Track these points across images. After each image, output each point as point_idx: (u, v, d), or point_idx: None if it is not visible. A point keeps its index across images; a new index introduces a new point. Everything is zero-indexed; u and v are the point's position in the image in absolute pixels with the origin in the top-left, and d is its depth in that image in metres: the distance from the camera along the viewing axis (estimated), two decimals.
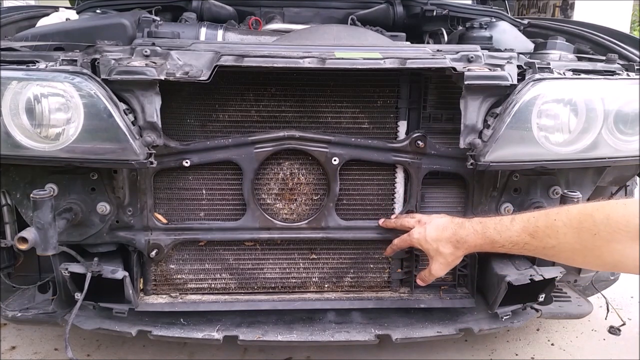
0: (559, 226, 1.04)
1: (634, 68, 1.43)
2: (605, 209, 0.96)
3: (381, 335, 1.47)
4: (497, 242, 1.18)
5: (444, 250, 1.28)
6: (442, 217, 1.33)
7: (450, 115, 1.47)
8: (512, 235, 1.14)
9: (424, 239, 1.30)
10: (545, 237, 1.07)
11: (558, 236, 1.04)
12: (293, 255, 1.58)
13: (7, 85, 1.19)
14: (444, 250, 1.28)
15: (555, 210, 1.08)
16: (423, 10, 2.11)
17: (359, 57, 1.29)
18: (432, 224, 1.31)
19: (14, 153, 1.23)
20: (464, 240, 1.25)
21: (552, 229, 1.05)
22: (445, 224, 1.29)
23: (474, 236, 1.23)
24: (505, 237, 1.16)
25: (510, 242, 1.15)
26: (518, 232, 1.13)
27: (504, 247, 1.17)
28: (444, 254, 1.28)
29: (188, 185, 1.48)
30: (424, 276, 1.41)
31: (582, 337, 2.04)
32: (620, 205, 0.95)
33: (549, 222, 1.06)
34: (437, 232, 1.28)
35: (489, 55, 1.38)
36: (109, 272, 1.37)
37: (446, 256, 1.29)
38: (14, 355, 1.86)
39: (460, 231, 1.25)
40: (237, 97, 1.43)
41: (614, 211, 0.94)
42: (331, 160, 1.45)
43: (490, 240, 1.19)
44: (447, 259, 1.30)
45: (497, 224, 1.19)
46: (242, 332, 1.46)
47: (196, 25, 1.81)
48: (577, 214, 1.01)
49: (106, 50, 1.29)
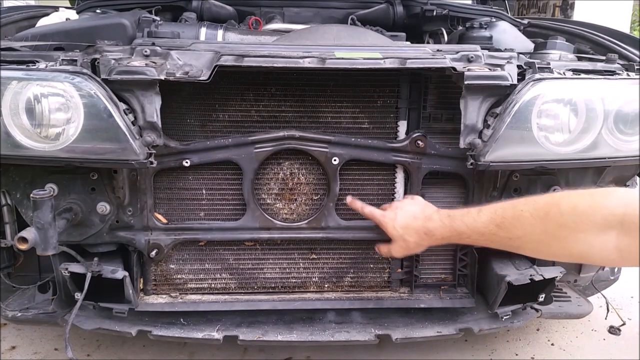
0: (525, 217, 1.03)
1: (634, 68, 1.43)
2: (572, 198, 0.96)
3: (381, 335, 1.47)
4: (464, 234, 1.18)
5: (408, 238, 1.28)
6: (414, 204, 1.32)
7: (450, 115, 1.47)
8: (478, 227, 1.14)
9: (392, 225, 1.30)
10: (512, 227, 1.06)
11: (524, 226, 1.03)
12: (293, 255, 1.58)
13: (7, 85, 1.19)
14: (408, 239, 1.28)
15: (522, 201, 1.07)
16: (423, 10, 2.11)
17: (359, 57, 1.29)
18: (403, 211, 1.31)
19: (14, 153, 1.23)
20: (431, 232, 1.25)
21: (519, 220, 1.04)
22: (416, 213, 1.29)
23: (441, 229, 1.23)
24: (472, 228, 1.15)
25: (477, 233, 1.14)
26: (485, 223, 1.13)
27: (470, 239, 1.17)
28: (407, 242, 1.29)
29: (188, 185, 1.47)
30: (382, 249, 1.41)
31: (582, 337, 2.04)
32: (588, 195, 0.95)
33: (515, 212, 1.06)
34: (407, 221, 1.28)
35: (489, 55, 1.38)
36: (109, 272, 1.37)
37: (409, 244, 1.29)
38: (14, 355, 1.86)
39: (429, 224, 1.25)
40: (237, 97, 1.43)
41: (581, 201, 0.94)
42: (331, 160, 1.45)
43: (457, 232, 1.19)
44: (409, 246, 1.30)
45: (464, 216, 1.19)
46: (242, 332, 1.46)
47: (196, 25, 1.81)
48: (544, 204, 1.01)
49: (106, 50, 1.29)
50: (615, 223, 0.88)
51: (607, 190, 0.95)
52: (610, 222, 0.88)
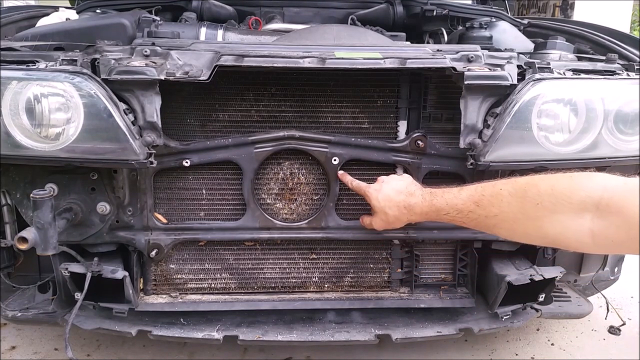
0: (504, 195, 1.03)
1: (634, 68, 1.43)
2: (550, 179, 0.96)
3: (381, 335, 1.47)
4: (442, 210, 1.19)
5: (388, 211, 1.29)
6: (401, 179, 1.34)
7: (450, 115, 1.47)
8: (457, 203, 1.15)
9: (376, 197, 1.32)
10: (490, 205, 1.06)
11: (502, 205, 1.03)
12: (293, 255, 1.58)
13: (7, 85, 1.19)
14: (389, 212, 1.29)
15: (502, 181, 1.08)
16: (423, 10, 2.11)
17: (359, 57, 1.29)
18: (389, 185, 1.32)
19: (14, 153, 1.23)
20: (410, 207, 1.26)
21: (497, 198, 1.05)
22: (400, 188, 1.30)
23: (421, 204, 1.25)
24: (451, 205, 1.16)
25: (455, 210, 1.15)
26: (464, 200, 1.13)
27: (448, 216, 1.18)
28: (388, 215, 1.30)
29: (188, 185, 1.48)
30: (364, 220, 1.43)
31: (582, 337, 2.04)
32: (567, 177, 0.95)
33: (495, 191, 1.06)
34: (390, 194, 1.29)
35: (489, 55, 1.38)
36: (109, 272, 1.37)
37: (389, 217, 1.30)
38: (14, 355, 1.86)
39: (410, 199, 1.27)
40: (237, 97, 1.43)
41: (559, 182, 0.94)
42: (331, 160, 1.45)
43: (436, 208, 1.21)
44: (388, 219, 1.31)
45: (445, 192, 1.20)
46: (242, 332, 1.46)
47: (196, 25, 1.81)
48: (523, 184, 1.01)
49: (106, 50, 1.29)
50: (591, 206, 0.88)
51: (587, 173, 0.96)
52: (587, 204, 0.88)
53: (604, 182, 0.89)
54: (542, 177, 0.99)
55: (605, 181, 0.89)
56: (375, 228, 1.38)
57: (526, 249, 1.58)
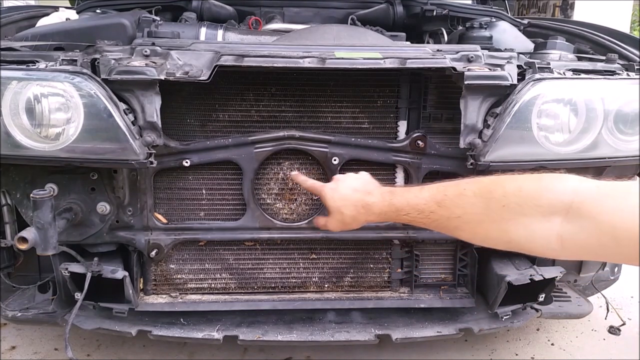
0: (467, 195, 0.97)
1: (634, 68, 1.43)
2: (518, 180, 0.91)
3: (381, 335, 1.47)
4: (402, 210, 1.11)
5: (345, 211, 1.22)
6: (358, 177, 1.26)
7: (450, 115, 1.47)
8: (419, 203, 1.07)
9: (331, 196, 1.24)
10: (453, 205, 0.99)
11: (465, 205, 0.97)
12: (293, 255, 1.58)
13: (7, 85, 1.19)
14: (345, 211, 1.22)
15: (467, 180, 1.01)
16: (423, 10, 2.11)
17: (359, 57, 1.29)
18: (345, 183, 1.25)
19: (14, 153, 1.23)
20: (368, 206, 1.18)
21: (461, 198, 0.98)
22: (357, 186, 1.22)
23: (380, 204, 1.17)
24: (411, 205, 1.09)
25: (416, 210, 1.08)
26: (425, 200, 1.06)
27: (409, 216, 1.10)
28: (344, 215, 1.22)
29: (188, 185, 1.48)
30: (319, 222, 1.34)
31: (582, 337, 2.04)
32: (535, 178, 0.89)
33: (458, 190, 1.00)
34: (346, 193, 1.22)
35: (489, 55, 1.38)
36: (109, 272, 1.37)
37: (345, 217, 1.22)
38: (14, 355, 1.86)
39: (368, 197, 1.19)
40: (237, 97, 1.43)
41: (527, 183, 0.89)
42: (331, 160, 1.45)
43: (396, 208, 1.13)
44: (345, 220, 1.23)
45: (406, 192, 1.13)
46: (242, 332, 1.46)
47: (196, 25, 1.81)
48: (489, 183, 0.95)
49: (106, 50, 1.29)
50: (560, 209, 0.83)
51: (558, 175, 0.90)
52: (556, 207, 0.83)
53: (576, 185, 0.83)
54: (509, 177, 0.93)
55: (577, 184, 0.83)
56: (330, 229, 1.28)
57: None
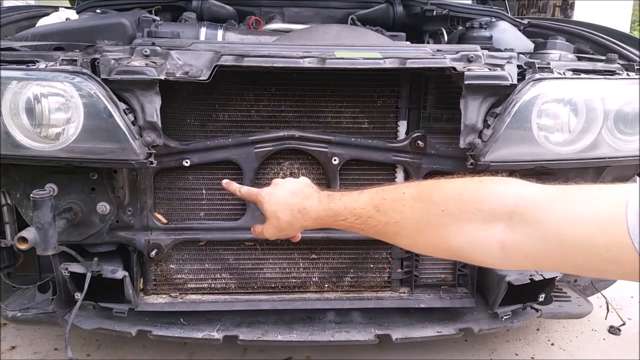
0: (406, 199, 0.92)
1: (634, 68, 1.43)
2: (458, 183, 0.87)
3: (381, 335, 1.47)
4: (340, 215, 1.06)
5: (280, 215, 1.15)
6: (297, 182, 1.20)
7: (450, 115, 1.47)
8: (356, 207, 1.02)
9: (268, 201, 1.18)
10: (391, 210, 0.95)
11: (404, 210, 0.92)
12: (293, 255, 1.58)
13: (7, 85, 1.19)
14: (281, 216, 1.15)
15: (406, 184, 0.98)
16: (423, 10, 2.11)
17: (359, 57, 1.29)
18: (283, 187, 1.19)
19: (14, 153, 1.23)
20: (305, 210, 1.13)
21: (399, 202, 0.93)
22: (295, 190, 1.16)
23: (317, 207, 1.11)
24: (349, 209, 1.04)
25: (354, 215, 1.03)
26: (363, 205, 1.01)
27: (346, 221, 1.05)
28: (279, 220, 1.16)
29: (188, 185, 1.47)
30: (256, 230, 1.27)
31: (582, 337, 2.04)
32: (476, 182, 0.85)
33: (397, 194, 0.95)
34: (283, 197, 1.16)
35: (489, 55, 1.38)
36: (108, 272, 1.37)
37: (281, 222, 1.16)
38: (14, 355, 1.86)
39: (306, 202, 1.13)
40: (237, 97, 1.43)
41: (468, 187, 0.85)
42: (331, 160, 1.45)
43: (333, 212, 1.07)
44: (280, 225, 1.17)
45: (344, 196, 1.08)
46: (242, 332, 1.46)
47: (196, 25, 1.81)
48: (428, 187, 0.91)
49: (106, 50, 1.29)
50: (503, 215, 0.78)
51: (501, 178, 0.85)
52: (498, 213, 0.79)
53: (519, 189, 0.79)
54: (450, 180, 0.89)
55: (521, 188, 0.79)
56: (267, 236, 1.21)
57: None
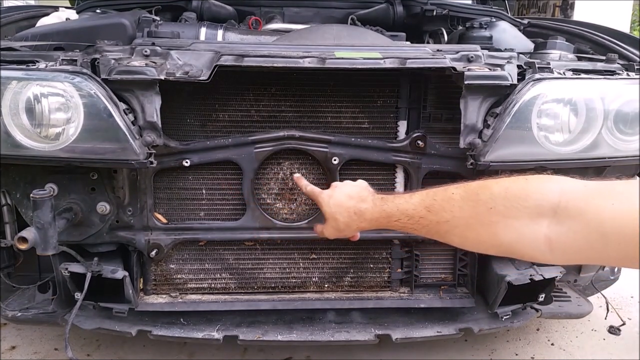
0: (455, 199, 0.97)
1: (634, 68, 1.43)
2: (504, 182, 0.91)
3: (381, 335, 1.47)
4: (393, 216, 1.13)
5: (338, 217, 1.24)
6: (355, 185, 1.28)
7: (450, 115, 1.47)
8: (408, 209, 1.08)
9: (327, 202, 1.26)
10: (441, 210, 1.00)
11: (453, 209, 0.97)
12: (293, 255, 1.58)
13: (7, 85, 1.20)
14: (339, 218, 1.24)
15: (455, 185, 1.02)
16: (423, 10, 2.11)
17: (359, 57, 1.29)
18: (341, 190, 1.27)
19: (14, 153, 1.24)
20: (361, 212, 1.20)
21: (449, 202, 0.99)
22: (352, 193, 1.24)
23: (371, 210, 1.19)
24: (401, 211, 1.10)
25: (406, 216, 1.09)
26: (415, 206, 1.07)
27: (399, 222, 1.12)
28: (337, 221, 1.24)
29: (188, 185, 1.47)
30: (317, 229, 1.37)
31: (582, 337, 2.04)
32: (522, 180, 0.88)
33: (447, 195, 1.00)
34: (341, 199, 1.24)
35: (489, 55, 1.38)
36: (108, 272, 1.37)
37: (339, 223, 1.24)
38: (14, 355, 1.86)
39: (361, 204, 1.21)
40: (237, 97, 1.43)
41: (514, 185, 0.88)
42: (331, 160, 1.45)
43: (386, 214, 1.15)
44: (338, 226, 1.25)
45: (396, 198, 1.15)
46: (242, 332, 1.46)
47: (196, 25, 1.81)
48: (476, 187, 0.95)
49: (106, 50, 1.29)
50: (548, 210, 0.82)
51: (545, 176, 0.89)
52: (543, 209, 0.82)
53: (562, 184, 0.83)
54: (496, 180, 0.93)
55: (564, 184, 0.83)
56: (327, 236, 1.31)
57: None
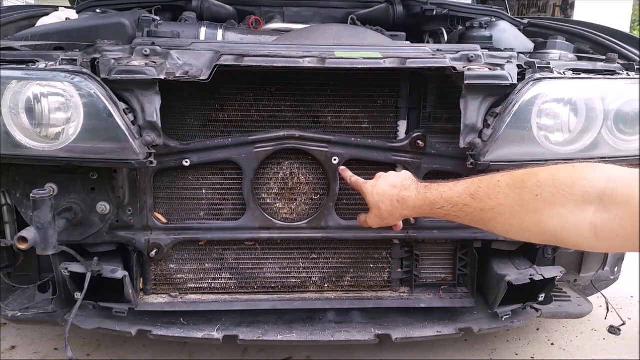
0: (501, 187, 0.97)
1: (634, 68, 1.43)
2: (552, 169, 0.90)
3: (381, 335, 1.47)
4: (436, 204, 1.13)
5: (382, 206, 1.26)
6: (398, 174, 1.29)
7: (450, 115, 1.47)
8: (452, 196, 1.08)
9: (370, 192, 1.28)
10: (486, 197, 0.99)
11: (498, 197, 0.97)
12: (293, 255, 1.58)
13: (7, 85, 1.19)
14: (382, 206, 1.26)
15: (501, 173, 1.01)
16: (423, 9, 2.11)
17: (359, 57, 1.29)
18: (385, 180, 1.28)
19: (14, 153, 1.23)
20: (404, 200, 1.21)
21: (494, 190, 0.98)
22: (395, 182, 1.26)
23: (414, 198, 1.20)
24: (445, 198, 1.10)
25: (450, 203, 1.09)
26: (459, 193, 1.07)
27: (443, 209, 1.12)
28: (380, 209, 1.26)
29: (188, 185, 1.47)
30: (360, 219, 1.39)
31: (582, 337, 2.04)
32: (569, 167, 0.88)
33: (492, 182, 1.00)
34: (384, 188, 1.26)
35: (489, 54, 1.38)
36: (108, 272, 1.37)
37: (382, 212, 1.26)
38: (14, 355, 1.86)
39: (404, 192, 1.22)
40: (237, 97, 1.43)
41: (560, 172, 0.88)
42: (331, 160, 1.45)
43: (430, 201, 1.15)
44: (382, 214, 1.27)
45: (440, 186, 1.15)
46: (242, 332, 1.46)
47: (196, 25, 1.81)
48: (522, 174, 0.95)
49: (106, 50, 1.29)
50: (594, 197, 0.82)
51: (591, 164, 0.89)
52: (590, 195, 0.82)
53: (609, 171, 0.82)
54: (542, 168, 0.92)
55: (610, 171, 0.82)
56: (371, 225, 1.33)
57: (526, 248, 1.58)
